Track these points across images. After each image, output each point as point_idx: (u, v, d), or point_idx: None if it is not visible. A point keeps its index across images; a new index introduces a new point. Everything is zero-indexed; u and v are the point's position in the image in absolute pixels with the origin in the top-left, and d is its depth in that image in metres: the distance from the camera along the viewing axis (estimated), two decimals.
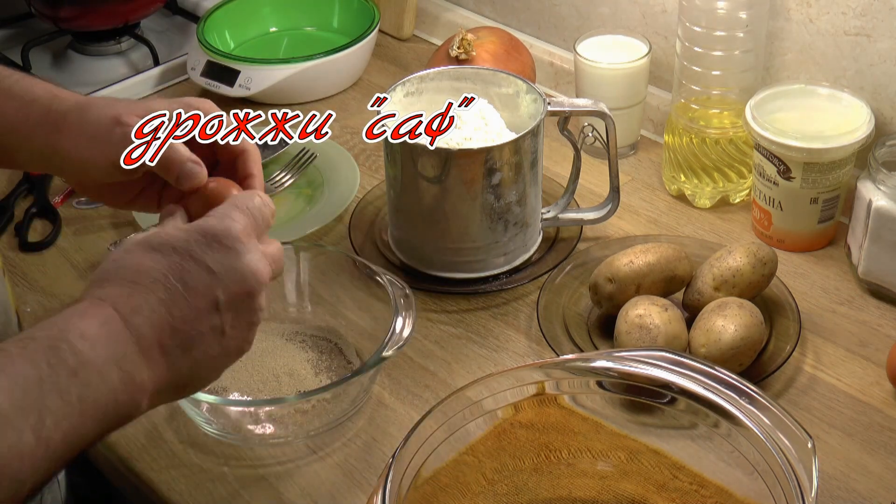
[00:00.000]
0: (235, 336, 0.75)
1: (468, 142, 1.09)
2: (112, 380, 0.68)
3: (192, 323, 0.72)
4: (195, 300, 0.72)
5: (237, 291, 0.74)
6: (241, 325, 0.75)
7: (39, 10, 1.55)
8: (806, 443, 0.76)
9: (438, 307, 1.12)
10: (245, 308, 0.75)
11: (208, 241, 0.74)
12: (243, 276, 0.74)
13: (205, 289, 0.73)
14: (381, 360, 0.94)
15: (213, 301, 0.73)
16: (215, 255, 0.74)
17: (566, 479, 0.86)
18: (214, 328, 0.73)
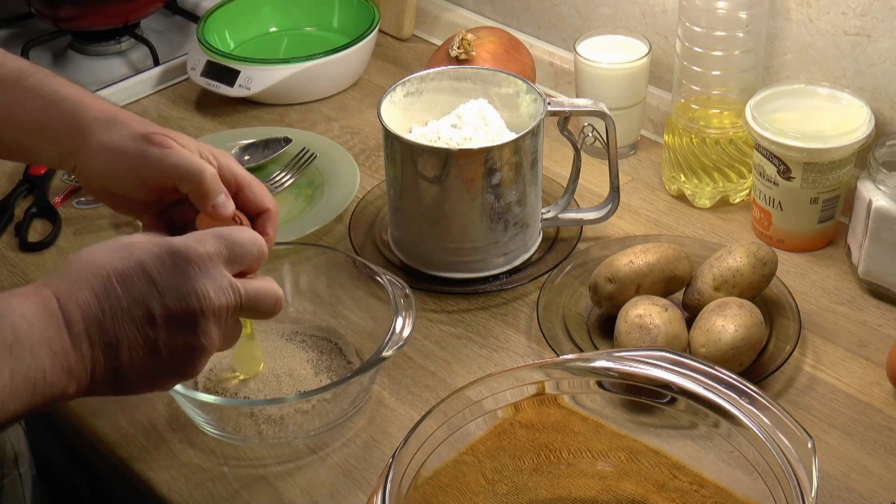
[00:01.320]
0: (172, 356, 0.76)
1: (468, 142, 1.09)
2: (42, 359, 0.71)
3: (121, 326, 0.74)
4: (130, 306, 0.74)
5: (175, 310, 0.75)
6: (179, 347, 0.76)
7: (39, 10, 1.55)
8: (806, 443, 0.76)
9: (438, 307, 1.12)
10: (184, 330, 0.76)
11: (164, 257, 0.76)
12: (186, 296, 0.75)
13: (141, 298, 0.74)
14: (381, 360, 0.94)
15: (148, 313, 0.74)
16: (164, 271, 0.75)
17: (566, 479, 0.86)
18: (147, 339, 0.75)
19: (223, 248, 0.78)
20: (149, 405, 1.02)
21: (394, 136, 1.09)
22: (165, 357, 0.76)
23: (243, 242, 0.80)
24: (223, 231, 0.80)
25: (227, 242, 0.79)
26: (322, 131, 1.39)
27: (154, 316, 0.75)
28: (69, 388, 0.73)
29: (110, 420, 1.01)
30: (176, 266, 0.75)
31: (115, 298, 0.74)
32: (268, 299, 0.81)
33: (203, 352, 0.77)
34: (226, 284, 0.77)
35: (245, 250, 0.80)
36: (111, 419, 1.01)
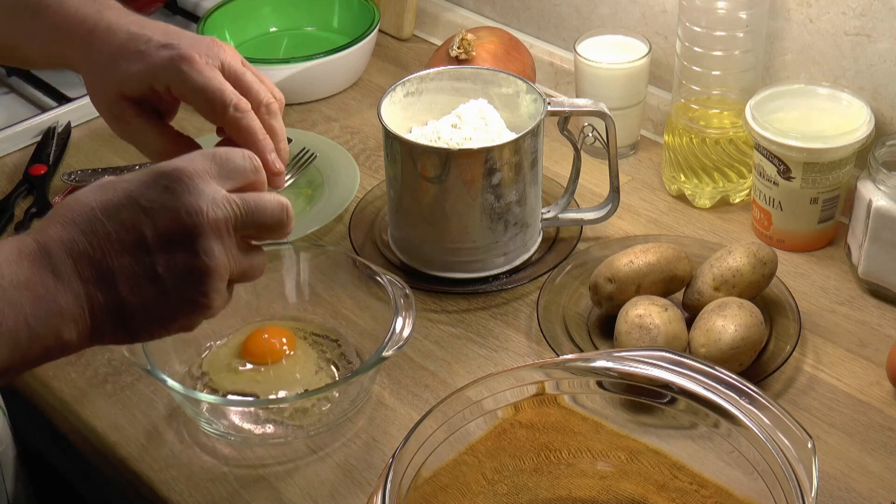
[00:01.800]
0: (176, 282, 0.72)
1: (468, 142, 1.10)
2: (21, 303, 0.68)
3: (113, 256, 0.70)
4: (119, 234, 0.71)
5: (168, 229, 0.71)
6: (181, 271, 0.72)
7: None
8: (806, 443, 0.76)
9: (438, 307, 1.12)
10: (182, 249, 0.72)
11: (149, 180, 0.73)
12: (177, 213, 0.71)
13: (131, 224, 0.71)
14: (381, 359, 0.94)
15: (139, 237, 0.71)
16: (151, 194, 0.72)
17: (566, 479, 0.86)
18: (144, 266, 0.71)
19: (212, 165, 0.75)
20: (149, 405, 1.02)
21: (394, 136, 1.09)
22: (170, 283, 0.72)
23: (233, 157, 0.76)
24: (216, 149, 0.77)
25: (216, 158, 0.75)
26: (322, 131, 1.39)
27: (146, 240, 0.71)
28: (64, 332, 0.70)
29: (110, 420, 1.01)
30: (163, 186, 0.72)
31: (101, 229, 0.71)
32: (270, 208, 0.77)
33: (209, 273, 0.73)
34: (219, 197, 0.73)
35: (235, 164, 0.76)
36: (111, 419, 1.01)
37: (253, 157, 0.78)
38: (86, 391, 1.04)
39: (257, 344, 1.02)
